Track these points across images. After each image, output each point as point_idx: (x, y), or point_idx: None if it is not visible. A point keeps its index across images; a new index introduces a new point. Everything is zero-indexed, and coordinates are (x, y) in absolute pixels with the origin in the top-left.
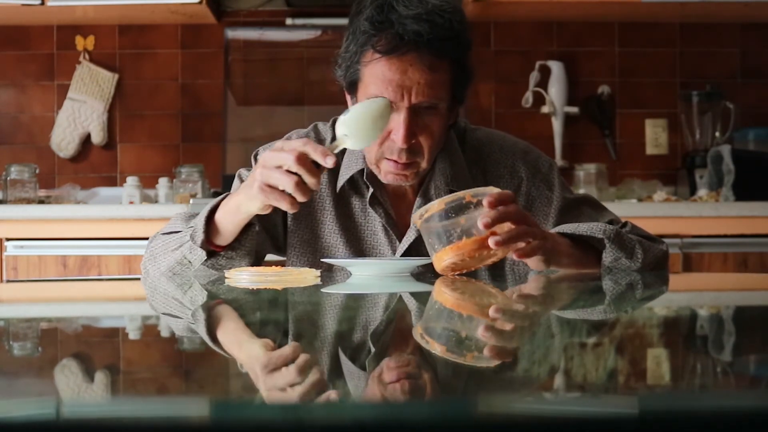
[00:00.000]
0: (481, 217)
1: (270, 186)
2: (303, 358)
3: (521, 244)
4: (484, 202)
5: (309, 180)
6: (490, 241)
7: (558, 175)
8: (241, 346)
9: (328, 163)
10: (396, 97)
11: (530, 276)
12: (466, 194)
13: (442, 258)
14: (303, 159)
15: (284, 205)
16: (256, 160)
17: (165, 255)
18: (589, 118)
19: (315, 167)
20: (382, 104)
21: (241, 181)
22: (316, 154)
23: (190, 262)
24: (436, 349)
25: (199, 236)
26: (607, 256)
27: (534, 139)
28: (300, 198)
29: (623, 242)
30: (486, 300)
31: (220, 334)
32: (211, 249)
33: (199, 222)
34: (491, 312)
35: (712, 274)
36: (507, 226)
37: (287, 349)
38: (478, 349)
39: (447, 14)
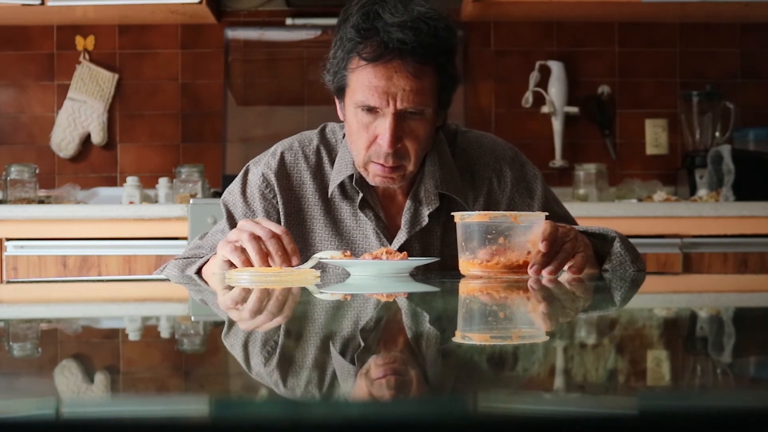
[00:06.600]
0: (532, 267)
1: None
2: None
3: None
4: (541, 246)
5: (277, 260)
6: (531, 271)
7: (542, 185)
8: None
9: (293, 262)
10: (381, 104)
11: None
12: (512, 215)
13: (469, 268)
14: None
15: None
16: (246, 175)
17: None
18: (589, 118)
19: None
20: None
21: (227, 211)
22: (289, 247)
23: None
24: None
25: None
26: (615, 258)
27: (534, 139)
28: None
29: (630, 245)
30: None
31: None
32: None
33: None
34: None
35: (711, 275)
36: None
37: None
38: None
39: (432, 21)
